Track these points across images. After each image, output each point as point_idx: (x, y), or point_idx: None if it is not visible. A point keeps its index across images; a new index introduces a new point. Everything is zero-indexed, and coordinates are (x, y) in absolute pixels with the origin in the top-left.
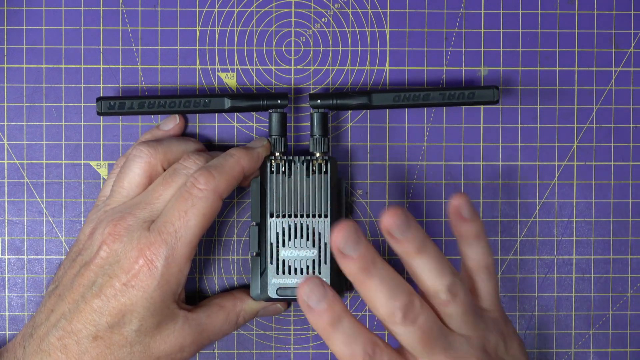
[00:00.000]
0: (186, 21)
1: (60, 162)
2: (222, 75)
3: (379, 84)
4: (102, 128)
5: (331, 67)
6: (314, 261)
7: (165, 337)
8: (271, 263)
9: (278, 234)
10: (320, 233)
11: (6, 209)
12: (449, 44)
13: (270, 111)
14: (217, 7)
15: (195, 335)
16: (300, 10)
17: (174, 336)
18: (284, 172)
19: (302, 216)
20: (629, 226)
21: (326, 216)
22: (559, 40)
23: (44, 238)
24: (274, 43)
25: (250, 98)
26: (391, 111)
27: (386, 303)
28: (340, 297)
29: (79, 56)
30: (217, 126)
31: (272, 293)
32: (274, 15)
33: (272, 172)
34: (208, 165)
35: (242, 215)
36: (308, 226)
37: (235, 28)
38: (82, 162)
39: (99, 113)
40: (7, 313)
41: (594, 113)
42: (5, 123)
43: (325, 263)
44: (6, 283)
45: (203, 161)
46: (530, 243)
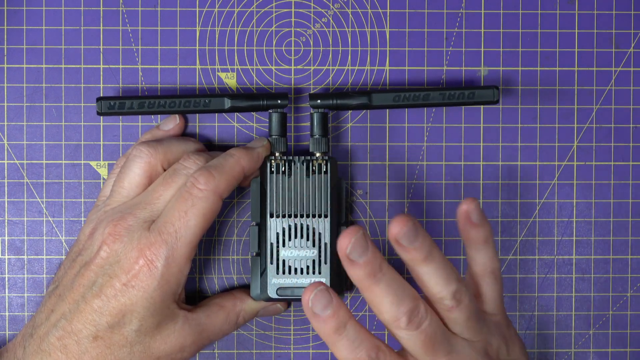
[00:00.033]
0: (186, 21)
1: (60, 162)
2: (222, 75)
3: (379, 84)
4: (102, 128)
5: (331, 67)
6: (314, 261)
7: (165, 337)
8: (271, 263)
9: (278, 234)
10: (320, 233)
11: (6, 209)
12: (449, 44)
13: (270, 111)
14: (217, 7)
15: (195, 335)
16: (300, 10)
17: (174, 336)
18: (284, 172)
19: (302, 216)
20: (629, 226)
21: (326, 216)
22: (559, 40)
23: (44, 238)
24: (274, 43)
25: (250, 98)
26: (391, 111)
27: (391, 308)
28: (344, 303)
29: (79, 56)
30: (217, 126)
31: (272, 293)
32: (274, 15)
33: (272, 172)
34: (208, 165)
35: (242, 215)
36: (308, 226)
37: (235, 28)
38: (82, 162)
39: (99, 113)
40: (7, 313)
41: (594, 113)
42: (5, 123)
43: (325, 263)
44: (6, 283)
45: (203, 161)
46: (530, 243)
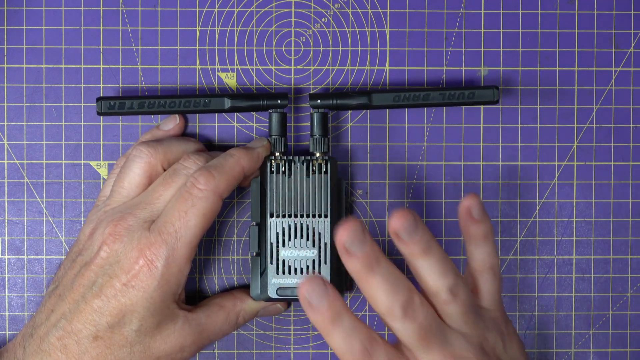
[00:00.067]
0: (186, 21)
1: (60, 162)
2: (222, 75)
3: (379, 84)
4: (102, 128)
5: (331, 67)
6: (314, 261)
7: (165, 337)
8: (271, 263)
9: (278, 234)
10: (320, 233)
11: (6, 209)
12: (449, 44)
13: (270, 111)
14: (217, 7)
15: (195, 335)
16: (300, 10)
17: (174, 336)
18: (284, 172)
19: (302, 216)
20: (629, 226)
21: (326, 216)
22: (559, 40)
23: (44, 238)
24: (274, 43)
25: (250, 98)
26: (391, 111)
27: (386, 299)
28: (340, 295)
29: (79, 56)
30: (217, 126)
31: (272, 293)
32: (274, 15)
33: (272, 172)
34: (208, 165)
35: (242, 215)
36: (308, 226)
37: (235, 28)
38: (82, 162)
39: (99, 113)
40: (7, 313)
41: (594, 113)
42: (5, 123)
43: (325, 263)
44: (6, 283)
45: (203, 161)
46: (530, 243)
